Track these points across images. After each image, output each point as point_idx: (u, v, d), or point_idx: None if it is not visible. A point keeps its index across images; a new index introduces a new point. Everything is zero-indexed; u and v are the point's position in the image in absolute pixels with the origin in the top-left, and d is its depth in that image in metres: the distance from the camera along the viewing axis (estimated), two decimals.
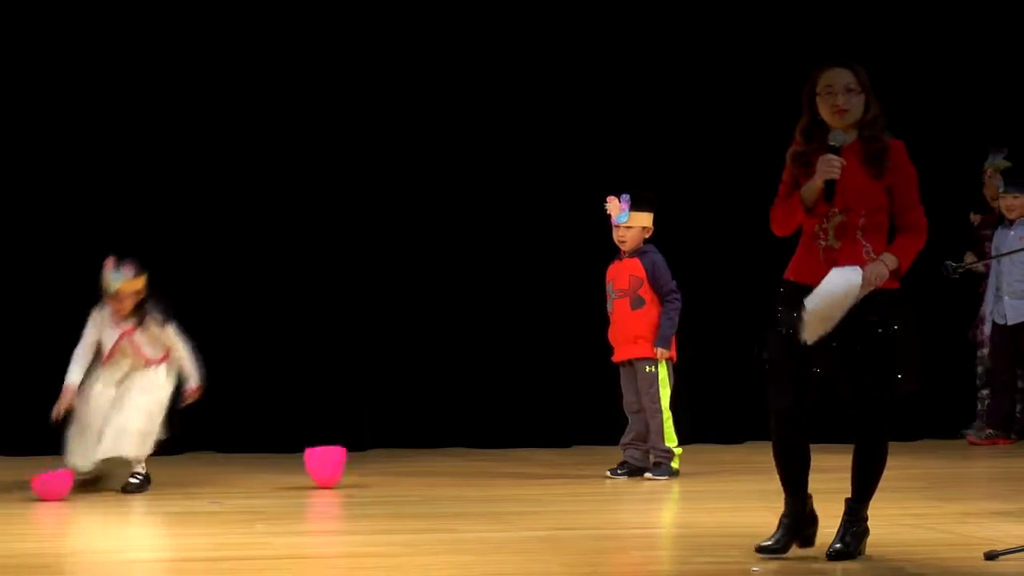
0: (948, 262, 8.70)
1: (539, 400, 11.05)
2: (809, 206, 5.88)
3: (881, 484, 9.07)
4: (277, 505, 8.05)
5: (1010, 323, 11.16)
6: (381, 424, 10.95)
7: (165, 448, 10.52)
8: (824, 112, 5.95)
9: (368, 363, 10.95)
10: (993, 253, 11.12)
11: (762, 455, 10.29)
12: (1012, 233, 11.17)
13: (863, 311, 5.84)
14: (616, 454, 9.56)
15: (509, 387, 11.08)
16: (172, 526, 7.26)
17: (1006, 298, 11.19)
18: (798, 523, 6.08)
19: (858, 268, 5.83)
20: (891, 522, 7.40)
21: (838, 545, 6.05)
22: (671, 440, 9.22)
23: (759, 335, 6.03)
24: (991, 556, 6.15)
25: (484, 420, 11.02)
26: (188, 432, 10.65)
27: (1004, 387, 11.23)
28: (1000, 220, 11.35)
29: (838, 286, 5.80)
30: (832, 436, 11.10)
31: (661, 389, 9.25)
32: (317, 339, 10.87)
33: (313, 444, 10.67)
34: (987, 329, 11.35)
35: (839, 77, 5.96)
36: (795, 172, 5.96)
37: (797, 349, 5.83)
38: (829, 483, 9.06)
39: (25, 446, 10.41)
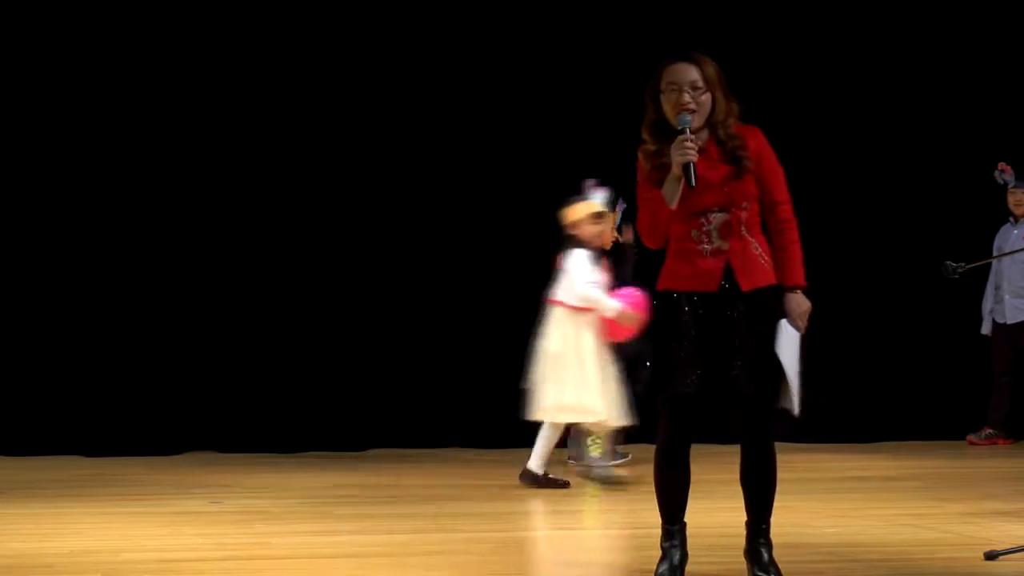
0: (948, 262, 8.71)
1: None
2: (672, 200, 5.44)
3: (882, 484, 9.11)
4: (277, 505, 8.05)
5: (1010, 322, 11.16)
6: (381, 424, 10.96)
7: (165, 448, 10.56)
8: (667, 110, 5.51)
9: (368, 364, 10.95)
10: (995, 251, 11.13)
11: None
12: (1016, 232, 11.16)
13: (751, 309, 5.51)
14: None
15: (508, 387, 11.07)
16: (172, 526, 7.25)
17: (1007, 297, 11.19)
18: (684, 551, 5.77)
19: (782, 324, 5.49)
20: (891, 522, 7.41)
21: (772, 570, 5.67)
22: None
23: (655, 359, 5.58)
24: (991, 556, 6.16)
25: (484, 420, 11.02)
26: (188, 432, 10.70)
27: (1004, 387, 11.23)
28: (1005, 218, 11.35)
29: (790, 353, 5.50)
30: (821, 436, 11.16)
31: None
32: (317, 340, 10.88)
33: (312, 444, 10.72)
34: (985, 327, 11.36)
35: (683, 74, 5.50)
36: (649, 173, 5.52)
37: (704, 373, 5.49)
38: (827, 483, 9.08)
39: (25, 446, 10.42)
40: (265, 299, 10.87)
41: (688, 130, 5.44)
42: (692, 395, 5.56)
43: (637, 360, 6.06)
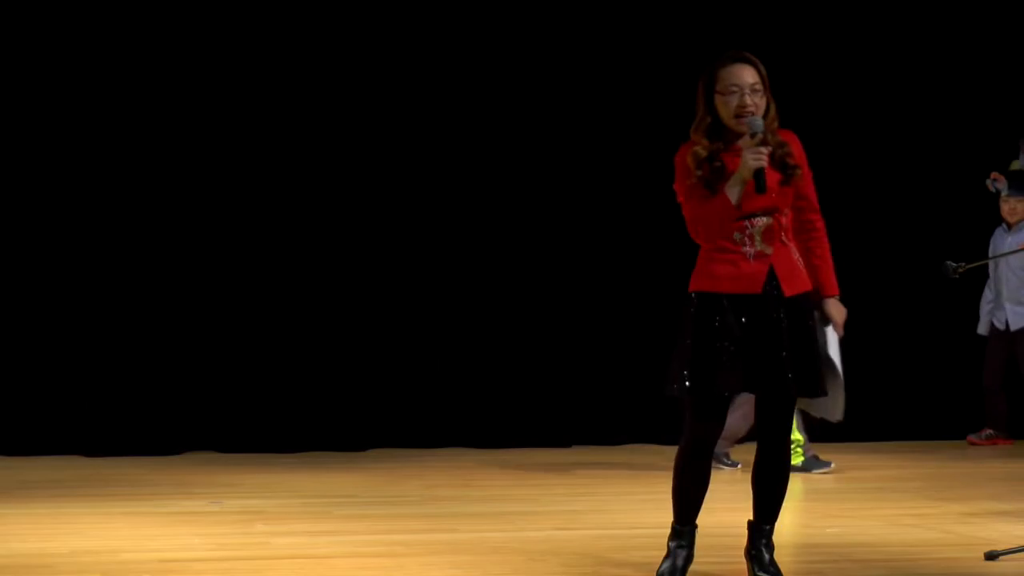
0: (948, 262, 8.72)
1: (539, 400, 11.05)
2: (737, 201, 5.46)
3: (882, 484, 9.12)
4: (277, 505, 8.05)
5: (1012, 329, 11.16)
6: (381, 424, 10.95)
7: (165, 448, 10.55)
8: (724, 112, 5.50)
9: (368, 363, 10.94)
10: (990, 256, 11.12)
11: None
12: (1010, 239, 11.17)
13: (793, 313, 5.60)
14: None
15: (509, 387, 11.08)
16: (172, 526, 7.26)
17: (1008, 305, 11.19)
18: (691, 553, 5.79)
19: (828, 330, 5.72)
20: (891, 522, 7.41)
21: (772, 570, 5.71)
22: None
23: (685, 357, 5.59)
24: (991, 556, 6.16)
25: (484, 420, 11.02)
26: (188, 432, 10.70)
27: (994, 393, 11.25)
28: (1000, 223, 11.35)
29: (837, 361, 5.76)
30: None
31: None
32: (317, 339, 10.87)
33: (312, 444, 10.72)
34: (982, 328, 11.35)
35: (744, 76, 5.49)
36: (699, 176, 5.48)
37: (729, 371, 5.54)
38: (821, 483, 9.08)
39: (24, 446, 10.42)
40: (265, 299, 10.86)
41: (760, 135, 5.46)
42: (736, 392, 5.62)
43: None
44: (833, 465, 9.43)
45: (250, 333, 10.82)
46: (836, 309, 5.74)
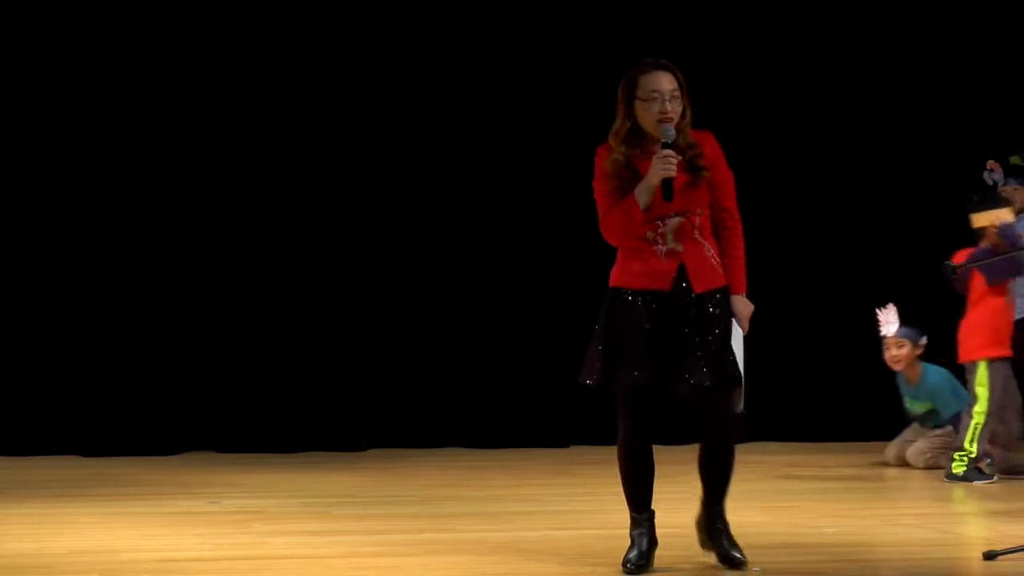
0: (947, 262, 8.72)
1: (538, 400, 11.05)
2: (645, 207, 5.68)
3: (881, 484, 9.11)
4: (277, 505, 8.05)
5: (1016, 318, 11.14)
6: (381, 424, 10.96)
7: (164, 448, 10.55)
8: (646, 118, 5.70)
9: (367, 363, 10.95)
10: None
11: (761, 455, 10.31)
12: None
13: (705, 308, 5.76)
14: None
15: (508, 387, 11.08)
16: (172, 526, 7.26)
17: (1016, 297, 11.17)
18: (652, 538, 5.99)
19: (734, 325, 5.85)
20: (891, 522, 7.42)
21: (736, 554, 5.85)
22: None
23: (607, 353, 5.83)
24: (991, 556, 6.16)
25: (484, 420, 11.02)
26: (187, 432, 10.71)
27: None
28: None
29: (738, 353, 5.85)
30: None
31: None
32: (317, 339, 10.87)
33: (312, 444, 10.72)
34: None
35: (664, 82, 5.69)
36: (616, 182, 5.72)
37: (656, 365, 5.74)
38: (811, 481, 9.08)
39: (23, 446, 10.42)
40: (264, 299, 10.86)
41: (671, 144, 5.66)
42: (646, 385, 5.79)
43: None
44: (995, 478, 9.15)
45: (249, 333, 10.82)
46: (742, 305, 5.87)
